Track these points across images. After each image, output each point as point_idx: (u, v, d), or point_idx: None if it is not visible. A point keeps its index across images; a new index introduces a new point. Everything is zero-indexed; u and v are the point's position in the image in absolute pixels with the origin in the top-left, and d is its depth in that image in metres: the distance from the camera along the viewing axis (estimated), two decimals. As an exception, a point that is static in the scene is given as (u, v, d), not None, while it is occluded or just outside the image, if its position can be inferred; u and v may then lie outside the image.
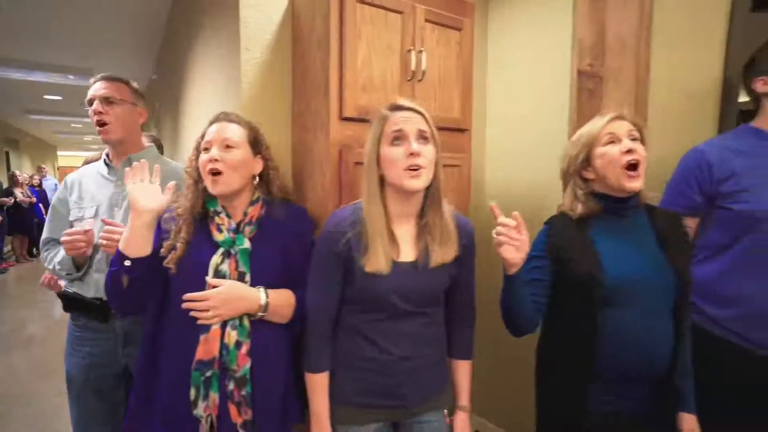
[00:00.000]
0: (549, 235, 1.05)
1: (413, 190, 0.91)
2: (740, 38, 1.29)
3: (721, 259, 1.11)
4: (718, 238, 1.12)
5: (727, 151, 1.11)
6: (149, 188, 1.00)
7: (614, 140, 0.97)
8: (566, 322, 1.01)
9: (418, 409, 1.00)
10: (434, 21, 1.31)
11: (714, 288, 1.12)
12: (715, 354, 1.11)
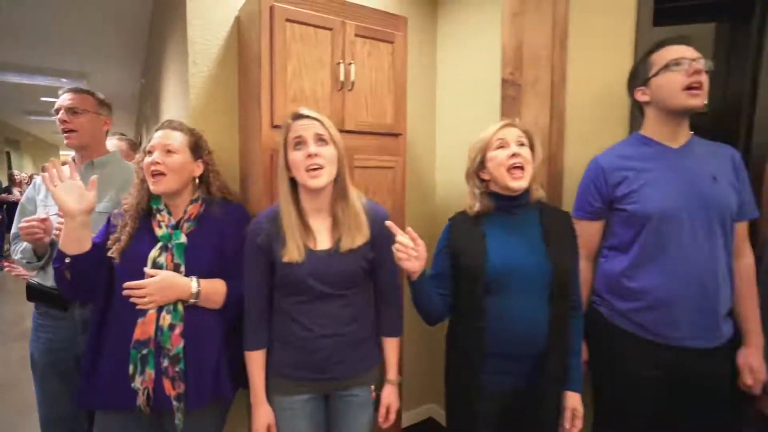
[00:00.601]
0: (450, 232, 1.18)
1: (315, 187, 1.04)
2: (644, 51, 1.41)
3: (623, 256, 1.21)
4: (620, 238, 1.23)
5: (618, 158, 1.23)
6: (73, 189, 1.07)
7: (503, 145, 1.10)
8: (462, 308, 1.14)
9: (345, 383, 1.13)
10: (365, 35, 1.43)
11: (619, 283, 1.22)
12: (623, 345, 1.22)
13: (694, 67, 1.09)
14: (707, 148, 1.19)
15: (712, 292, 1.11)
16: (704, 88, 1.11)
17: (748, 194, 1.18)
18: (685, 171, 1.14)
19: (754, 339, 1.17)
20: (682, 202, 1.12)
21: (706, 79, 1.12)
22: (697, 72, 1.10)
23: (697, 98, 1.11)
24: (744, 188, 1.17)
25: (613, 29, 1.43)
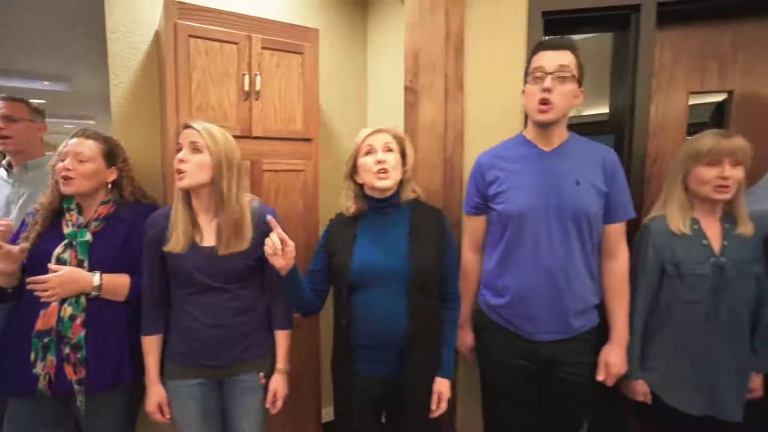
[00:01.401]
0: (328, 232, 1.28)
1: (180, 188, 1.15)
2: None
3: (495, 253, 1.31)
4: (492, 236, 1.32)
5: (496, 158, 1.32)
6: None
7: (371, 151, 1.20)
8: (336, 304, 1.25)
9: (233, 369, 1.24)
10: (272, 48, 1.54)
11: (491, 279, 1.32)
12: (495, 336, 1.32)
13: (543, 84, 1.16)
14: (582, 150, 1.25)
15: (564, 290, 1.21)
16: (554, 101, 1.17)
17: (621, 197, 1.24)
18: (550, 174, 1.22)
19: (617, 336, 1.27)
20: (541, 204, 1.21)
21: (564, 91, 1.17)
22: (546, 90, 1.16)
23: (544, 114, 1.19)
24: (616, 191, 1.23)
25: (507, 38, 1.53)
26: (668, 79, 1.55)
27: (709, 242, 1.22)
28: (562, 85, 1.17)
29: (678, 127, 1.56)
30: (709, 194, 1.19)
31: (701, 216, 1.25)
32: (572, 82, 1.18)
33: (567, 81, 1.17)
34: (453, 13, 1.50)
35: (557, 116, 1.20)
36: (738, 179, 1.18)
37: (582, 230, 1.21)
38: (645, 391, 1.29)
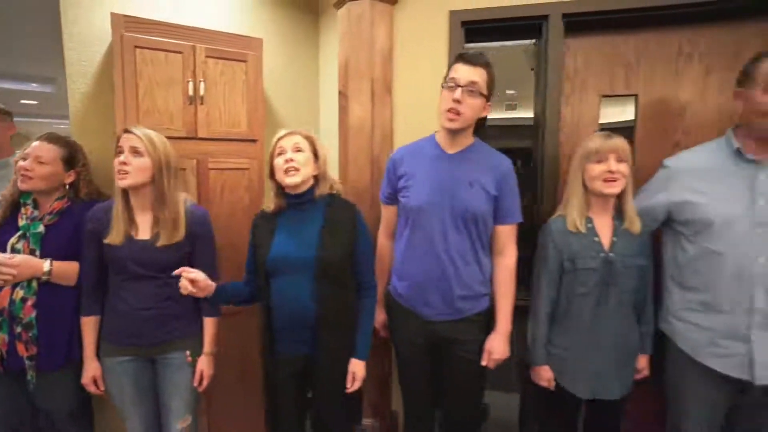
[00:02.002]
0: (253, 227, 1.42)
1: (121, 188, 1.29)
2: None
3: (401, 241, 1.45)
4: (399, 225, 1.46)
5: (408, 154, 1.45)
6: None
7: (281, 152, 1.33)
8: (261, 291, 1.37)
9: (161, 348, 1.37)
10: (216, 56, 1.68)
11: (396, 265, 1.46)
12: (401, 317, 1.47)
13: (454, 95, 1.29)
14: (480, 157, 1.39)
15: (452, 278, 1.35)
16: (462, 112, 1.30)
17: (510, 202, 1.38)
18: (448, 175, 1.36)
19: (501, 326, 1.41)
20: (437, 201, 1.35)
21: (472, 104, 1.30)
22: (456, 100, 1.29)
23: (451, 122, 1.32)
24: (505, 197, 1.37)
25: (431, 45, 1.66)
26: (581, 84, 1.67)
27: (600, 239, 1.34)
28: (470, 98, 1.30)
29: (591, 127, 1.68)
30: (600, 189, 1.32)
31: (595, 215, 1.37)
32: (480, 98, 1.32)
33: (475, 95, 1.30)
34: (379, 24, 1.64)
35: (462, 125, 1.33)
36: (624, 173, 1.29)
37: (471, 227, 1.35)
38: (549, 377, 1.41)
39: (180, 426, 1.41)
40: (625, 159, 1.30)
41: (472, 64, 1.31)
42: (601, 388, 1.35)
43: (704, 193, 1.29)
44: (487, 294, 1.43)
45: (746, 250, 1.22)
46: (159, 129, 1.54)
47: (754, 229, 1.21)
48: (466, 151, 1.39)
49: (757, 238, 1.21)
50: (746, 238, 1.22)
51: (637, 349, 1.40)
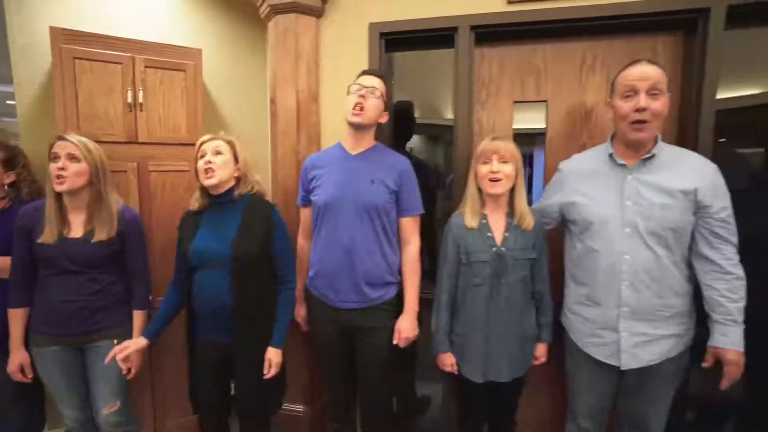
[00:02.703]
0: (179, 224, 1.54)
1: (60, 191, 1.41)
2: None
3: (314, 236, 1.58)
4: (314, 221, 1.58)
5: (318, 159, 1.59)
6: None
7: (202, 155, 1.45)
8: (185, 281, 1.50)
9: (89, 338, 1.49)
10: (155, 66, 1.80)
11: (311, 257, 1.58)
12: (314, 307, 1.59)
13: (354, 98, 1.44)
14: (382, 157, 1.53)
15: (358, 266, 1.47)
16: (366, 107, 1.45)
17: (410, 197, 1.52)
18: (352, 173, 1.49)
19: (408, 307, 1.53)
20: (342, 196, 1.47)
21: (374, 103, 1.46)
22: (362, 96, 1.44)
23: (356, 117, 1.46)
24: (405, 192, 1.51)
25: (353, 55, 1.77)
26: (496, 90, 1.79)
27: (492, 234, 1.45)
28: (373, 97, 1.46)
29: (506, 131, 1.79)
30: (486, 188, 1.43)
31: (489, 212, 1.48)
32: (380, 100, 1.47)
33: (377, 97, 1.46)
34: (304, 36, 1.75)
35: (365, 121, 1.47)
36: (507, 174, 1.40)
37: (374, 219, 1.47)
38: (451, 363, 1.52)
39: (107, 411, 1.52)
40: (508, 160, 1.40)
41: (372, 75, 1.48)
42: (491, 371, 1.46)
43: (586, 194, 1.40)
44: (395, 283, 1.55)
45: (616, 248, 1.33)
46: (99, 134, 1.69)
47: (623, 228, 1.32)
48: (367, 152, 1.52)
49: (624, 237, 1.32)
50: (616, 237, 1.33)
51: (533, 337, 1.51)
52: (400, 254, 1.56)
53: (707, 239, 1.29)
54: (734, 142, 1.64)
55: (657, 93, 1.24)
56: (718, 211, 1.27)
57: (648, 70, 1.25)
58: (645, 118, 1.24)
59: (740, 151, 1.67)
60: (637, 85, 1.25)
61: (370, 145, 1.54)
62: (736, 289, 1.26)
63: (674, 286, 1.32)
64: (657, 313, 1.33)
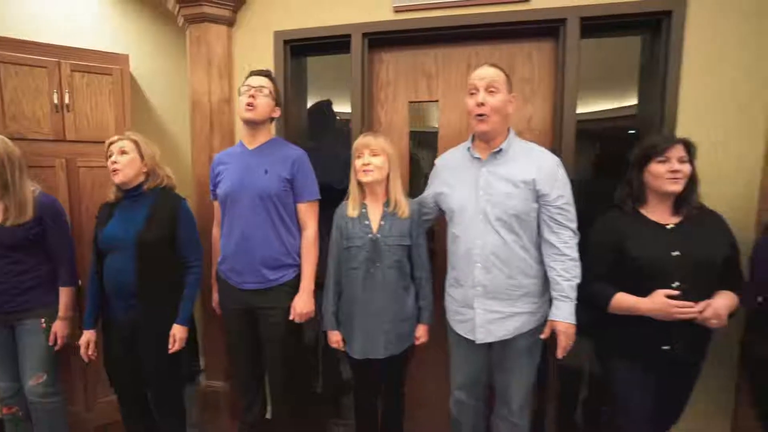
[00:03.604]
0: (96, 215, 1.70)
1: None
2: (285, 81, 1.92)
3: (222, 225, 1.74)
4: (221, 212, 1.74)
5: (222, 156, 1.74)
6: None
7: (110, 155, 1.62)
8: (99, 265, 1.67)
9: (17, 315, 1.66)
10: (82, 70, 1.96)
11: (221, 244, 1.74)
12: (222, 288, 1.75)
13: (245, 98, 1.59)
14: (277, 150, 1.68)
15: (256, 250, 1.63)
16: (256, 105, 1.59)
17: (303, 183, 1.66)
18: (249, 166, 1.65)
19: (304, 285, 1.68)
20: (239, 188, 1.63)
21: (264, 101, 1.60)
22: (251, 96, 1.59)
23: (248, 113, 1.60)
24: (298, 180, 1.65)
25: (261, 61, 1.93)
26: (393, 92, 1.94)
27: (370, 222, 1.60)
28: (262, 96, 1.61)
29: (402, 129, 1.95)
30: (359, 178, 1.58)
31: (369, 201, 1.63)
32: (269, 97, 1.62)
33: (266, 95, 1.61)
34: (216, 44, 1.91)
35: (257, 117, 1.62)
36: (377, 165, 1.55)
37: (269, 207, 1.62)
38: (337, 340, 1.67)
39: (34, 382, 1.69)
40: (379, 153, 1.55)
41: (259, 75, 1.64)
42: (369, 349, 1.61)
43: (451, 185, 1.56)
44: (294, 265, 1.70)
45: (471, 233, 1.48)
46: (26, 132, 1.86)
47: (477, 215, 1.47)
48: (263, 146, 1.68)
49: (478, 224, 1.47)
50: (471, 224, 1.48)
51: (412, 318, 1.66)
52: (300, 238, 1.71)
53: (548, 224, 1.44)
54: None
55: (494, 90, 1.40)
56: (555, 199, 1.42)
57: (486, 70, 1.42)
58: (484, 112, 1.40)
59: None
60: (477, 84, 1.41)
61: (266, 139, 1.69)
62: (570, 269, 1.42)
63: (523, 268, 1.47)
64: (508, 293, 1.48)
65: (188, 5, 1.87)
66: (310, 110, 2.12)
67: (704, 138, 1.57)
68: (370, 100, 1.94)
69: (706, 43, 1.56)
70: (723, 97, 1.57)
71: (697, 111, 1.59)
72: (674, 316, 1.30)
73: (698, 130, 1.58)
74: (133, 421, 1.78)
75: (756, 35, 1.52)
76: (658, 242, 1.39)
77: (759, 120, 1.55)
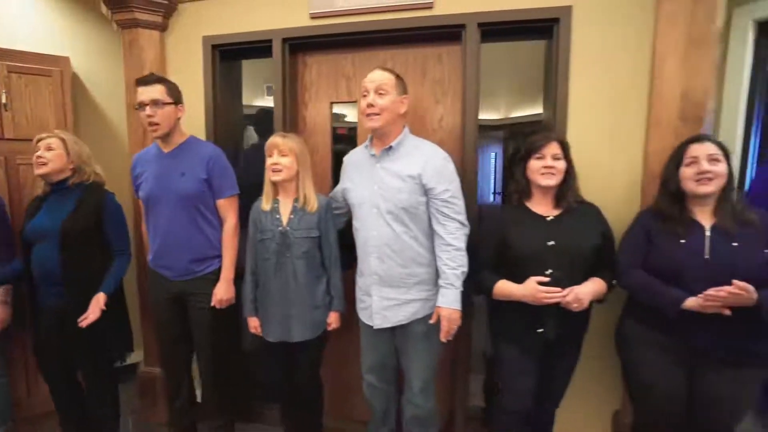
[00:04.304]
0: (26, 207, 1.80)
1: None
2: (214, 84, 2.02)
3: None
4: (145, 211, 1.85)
5: (141, 156, 1.85)
6: None
7: (36, 150, 1.72)
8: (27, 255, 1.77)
9: None
10: (20, 72, 2.06)
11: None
12: (153, 280, 1.86)
13: (145, 120, 1.69)
14: (192, 150, 1.78)
15: (180, 246, 1.75)
16: (158, 122, 1.67)
17: (220, 181, 1.77)
18: (166, 169, 1.75)
19: (223, 274, 1.79)
20: (158, 191, 1.74)
21: (162, 113, 1.67)
22: (149, 116, 1.67)
23: (155, 132, 1.70)
24: (215, 177, 1.76)
25: (193, 65, 2.03)
26: (316, 93, 2.05)
27: (280, 216, 1.70)
28: (159, 109, 1.68)
29: (325, 128, 2.06)
30: (270, 177, 1.68)
31: (281, 197, 1.73)
32: (167, 106, 1.70)
33: (162, 106, 1.68)
34: (148, 48, 2.02)
35: (164, 131, 1.71)
36: (285, 165, 1.65)
37: (188, 206, 1.73)
38: (255, 325, 1.78)
39: None
40: (287, 153, 1.65)
41: (146, 84, 1.69)
42: (282, 333, 1.71)
43: (353, 181, 1.67)
44: (219, 256, 1.81)
45: (368, 225, 1.59)
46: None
47: (372, 209, 1.58)
48: (178, 149, 1.78)
49: (372, 217, 1.58)
50: (368, 217, 1.59)
51: (323, 305, 1.76)
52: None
53: (436, 217, 1.55)
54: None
55: (383, 92, 1.51)
56: (441, 192, 1.53)
57: (376, 74, 1.53)
58: (373, 111, 1.51)
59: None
60: (367, 87, 1.52)
61: (181, 140, 1.79)
62: (455, 258, 1.52)
63: (415, 258, 1.58)
64: (403, 281, 1.59)
65: (120, 11, 1.97)
66: (259, 111, 2.23)
67: (592, 136, 1.69)
68: (294, 100, 2.04)
69: (591, 47, 1.66)
70: (608, 97, 1.68)
71: (584, 111, 1.69)
72: (542, 301, 1.40)
73: (586, 128, 1.69)
74: (65, 408, 1.89)
75: (636, 38, 1.63)
76: (536, 233, 1.49)
77: (640, 118, 1.65)
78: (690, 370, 1.40)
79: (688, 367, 1.39)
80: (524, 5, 1.69)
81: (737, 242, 1.31)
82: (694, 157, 1.36)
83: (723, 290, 1.22)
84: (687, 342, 1.36)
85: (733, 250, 1.31)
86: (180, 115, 1.75)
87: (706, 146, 1.36)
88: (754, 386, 1.37)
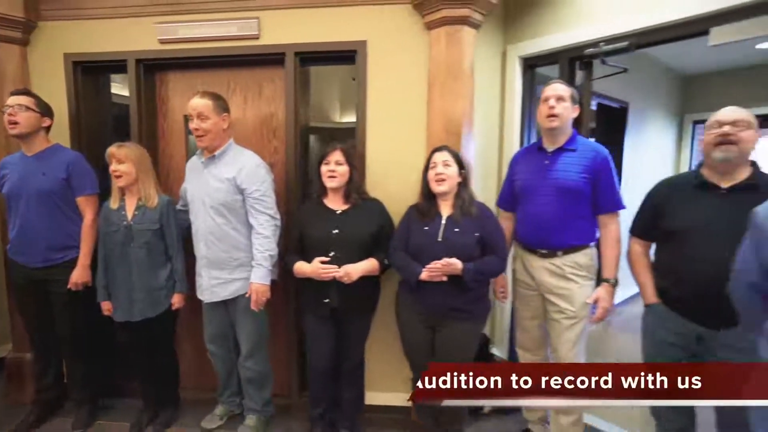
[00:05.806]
0: None
1: None
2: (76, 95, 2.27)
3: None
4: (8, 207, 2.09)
5: (7, 160, 2.09)
6: None
7: None
8: None
9: None
10: None
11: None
12: (13, 268, 2.10)
13: (6, 118, 1.95)
14: (53, 154, 2.05)
15: (39, 236, 2.04)
16: (18, 122, 1.95)
17: (79, 182, 2.06)
18: (28, 169, 2.02)
19: (80, 261, 2.06)
20: (19, 188, 2.02)
21: (24, 116, 1.95)
22: (12, 121, 1.95)
23: (12, 130, 1.97)
24: (74, 178, 2.04)
25: (56, 80, 2.28)
26: (171, 107, 2.38)
27: (125, 212, 2.00)
28: (23, 113, 1.98)
29: (180, 138, 2.38)
30: (113, 182, 1.99)
31: (127, 196, 2.03)
32: (29, 111, 1.99)
33: (25, 111, 1.98)
34: (8, 62, 2.23)
35: (21, 131, 1.99)
36: (123, 171, 1.93)
37: (48, 201, 2.02)
38: (108, 308, 2.06)
39: None
40: (124, 161, 1.95)
41: (15, 95, 2.00)
42: (125, 313, 2.02)
43: (190, 182, 2.03)
44: (77, 246, 2.08)
45: (197, 218, 1.98)
46: None
47: (201, 205, 1.96)
48: (41, 153, 2.06)
49: (200, 211, 1.96)
50: (198, 211, 1.99)
51: (165, 288, 2.07)
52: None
53: (250, 211, 1.92)
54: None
55: (203, 117, 1.87)
56: (253, 192, 1.90)
57: (195, 102, 1.89)
58: (198, 134, 1.88)
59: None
60: (191, 113, 1.89)
61: (44, 146, 2.07)
62: (263, 244, 1.90)
63: (235, 244, 1.95)
64: (227, 263, 1.95)
65: (-21, 26, 2.18)
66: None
67: (386, 144, 2.12)
68: (154, 113, 2.34)
69: (383, 72, 2.09)
70: (397, 110, 2.11)
71: (378, 124, 2.12)
72: (322, 276, 1.81)
73: (380, 138, 2.12)
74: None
75: (416, 67, 2.07)
76: (326, 223, 1.90)
77: (420, 128, 2.10)
78: (433, 327, 1.85)
79: (431, 325, 1.84)
80: (331, 38, 2.10)
81: (458, 228, 1.77)
82: (434, 162, 1.81)
83: (437, 263, 1.68)
84: (424, 304, 1.81)
85: (455, 234, 1.77)
86: (45, 125, 2.05)
87: (443, 154, 1.81)
88: (473, 336, 1.85)
